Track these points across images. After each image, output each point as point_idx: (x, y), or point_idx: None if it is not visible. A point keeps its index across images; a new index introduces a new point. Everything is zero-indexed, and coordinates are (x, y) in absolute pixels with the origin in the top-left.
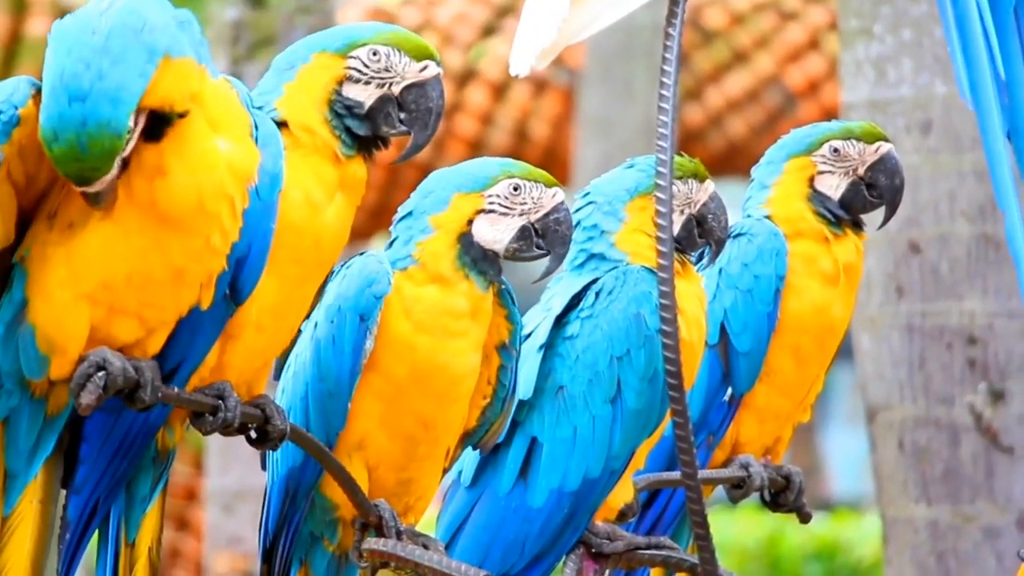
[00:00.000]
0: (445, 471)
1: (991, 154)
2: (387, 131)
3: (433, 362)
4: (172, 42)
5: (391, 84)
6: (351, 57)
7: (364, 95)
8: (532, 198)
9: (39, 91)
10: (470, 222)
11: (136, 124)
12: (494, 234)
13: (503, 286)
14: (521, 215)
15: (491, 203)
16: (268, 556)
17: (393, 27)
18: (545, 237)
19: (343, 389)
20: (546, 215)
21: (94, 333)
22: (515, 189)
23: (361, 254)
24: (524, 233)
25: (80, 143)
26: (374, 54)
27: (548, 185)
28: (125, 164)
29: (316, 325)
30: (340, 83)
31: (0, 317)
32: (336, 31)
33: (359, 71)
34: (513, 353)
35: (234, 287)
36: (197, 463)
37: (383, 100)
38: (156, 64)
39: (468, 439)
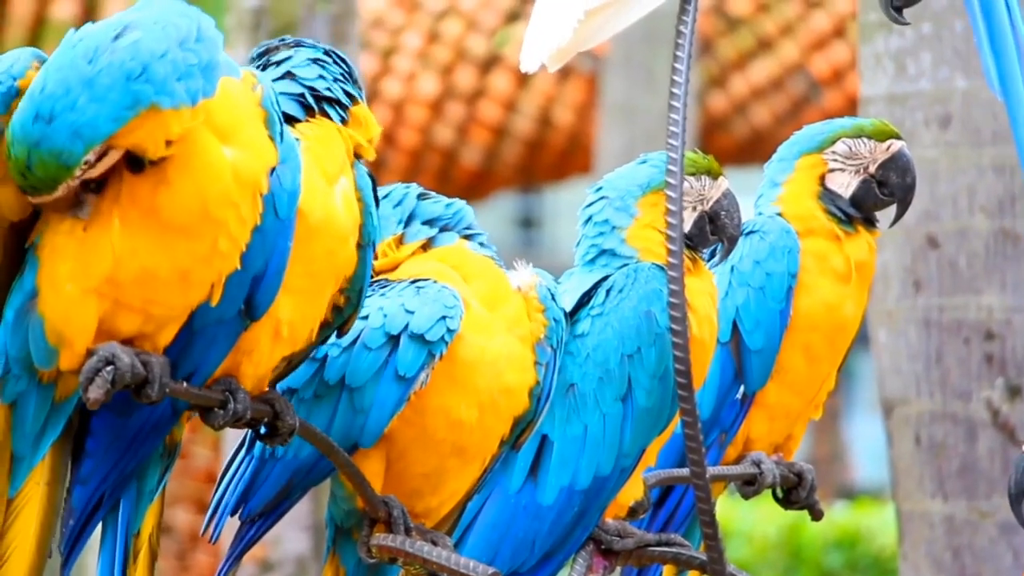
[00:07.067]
0: (484, 475)
1: (1022, 144)
2: None
3: (465, 358)
4: (165, 94)
5: None
6: None
7: None
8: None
9: (42, 63)
10: None
11: (103, 157)
12: None
13: (542, 282)
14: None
15: None
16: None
17: None
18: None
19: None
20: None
21: (102, 326)
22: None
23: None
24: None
25: (30, 160)
26: None
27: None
28: (87, 187)
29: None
30: None
31: (10, 303)
32: None
33: None
34: (549, 350)
35: (250, 304)
36: (216, 446)
37: None
38: (136, 112)
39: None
